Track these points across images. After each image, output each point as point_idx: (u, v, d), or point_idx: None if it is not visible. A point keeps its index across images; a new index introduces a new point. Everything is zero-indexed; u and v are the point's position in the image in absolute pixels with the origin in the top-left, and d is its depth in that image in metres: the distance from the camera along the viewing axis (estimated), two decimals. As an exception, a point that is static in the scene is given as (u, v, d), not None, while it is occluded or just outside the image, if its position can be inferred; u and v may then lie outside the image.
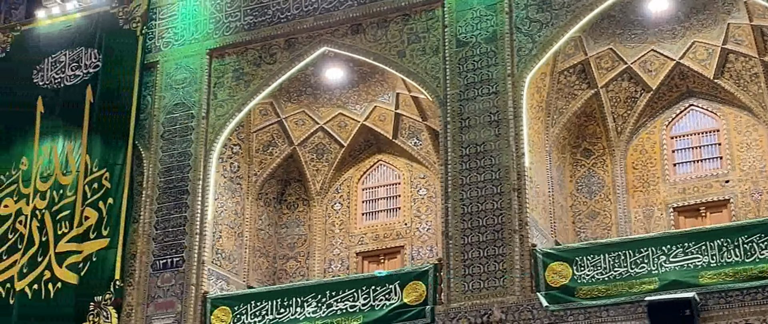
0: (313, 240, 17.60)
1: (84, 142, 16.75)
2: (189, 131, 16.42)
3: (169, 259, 15.81)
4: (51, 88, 17.35)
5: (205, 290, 15.62)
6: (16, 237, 16.63)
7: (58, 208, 16.51)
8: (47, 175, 16.82)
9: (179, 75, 16.79)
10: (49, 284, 16.10)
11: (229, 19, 16.75)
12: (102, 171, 16.45)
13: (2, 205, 16.95)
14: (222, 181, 16.70)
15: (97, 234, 16.13)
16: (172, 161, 16.37)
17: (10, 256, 16.54)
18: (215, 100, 16.55)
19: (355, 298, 14.67)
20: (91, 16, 17.60)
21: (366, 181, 17.87)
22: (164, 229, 16.01)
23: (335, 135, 17.67)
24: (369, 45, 15.90)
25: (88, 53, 17.29)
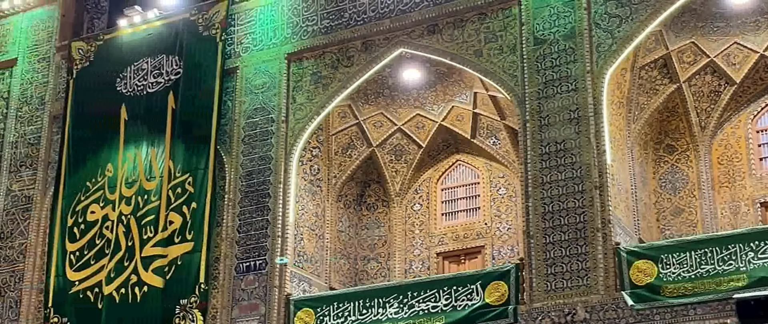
0: (394, 241, 17.63)
1: (167, 148, 17.01)
2: (269, 135, 16.58)
3: (252, 261, 15.99)
4: (134, 95, 17.66)
5: (288, 292, 15.77)
6: (103, 242, 16.97)
7: (143, 213, 16.80)
8: (132, 181, 17.12)
9: (258, 80, 16.97)
10: (136, 288, 16.39)
11: (306, 24, 16.88)
12: (185, 176, 16.69)
13: (89, 211, 17.30)
14: (302, 183, 16.83)
15: (182, 238, 16.37)
16: (253, 165, 16.54)
17: (98, 261, 16.88)
18: (294, 104, 16.69)
19: (437, 299, 14.65)
20: (171, 24, 17.87)
21: (445, 181, 17.84)
22: (247, 233, 16.19)
23: (413, 136, 17.68)
24: (446, 45, 15.87)
25: (170, 60, 17.56)
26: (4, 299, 17.70)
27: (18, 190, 18.37)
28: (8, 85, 19.26)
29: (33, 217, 18.04)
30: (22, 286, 17.62)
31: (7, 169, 18.59)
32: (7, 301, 17.69)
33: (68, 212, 17.43)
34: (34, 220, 18.00)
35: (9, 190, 18.43)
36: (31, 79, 19.04)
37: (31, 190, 18.25)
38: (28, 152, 18.53)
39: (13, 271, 17.84)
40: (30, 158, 18.48)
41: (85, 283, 16.83)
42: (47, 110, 18.67)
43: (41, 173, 18.25)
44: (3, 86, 19.28)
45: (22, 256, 17.86)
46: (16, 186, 18.41)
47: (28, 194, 18.22)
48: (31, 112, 18.82)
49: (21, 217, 18.18)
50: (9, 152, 18.72)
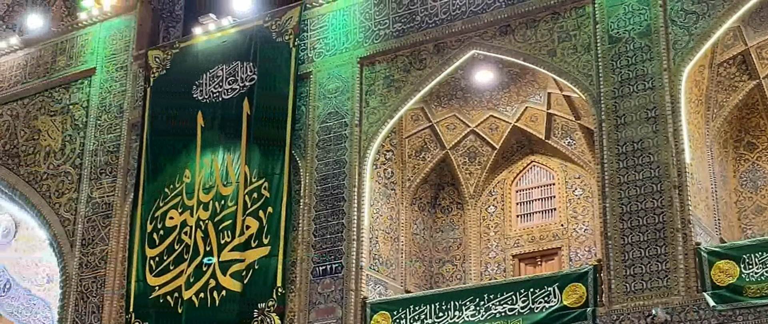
0: (469, 243, 17.57)
1: (243, 154, 17.19)
2: (343, 139, 16.66)
3: (329, 265, 16.08)
4: (210, 102, 17.88)
5: (364, 295, 15.81)
6: (182, 247, 17.21)
7: (220, 218, 17.00)
8: (209, 187, 17.34)
9: (332, 84, 17.06)
10: (215, 292, 16.59)
11: (378, 27, 16.92)
12: (261, 181, 16.84)
13: (168, 217, 17.55)
14: (377, 187, 16.87)
15: (259, 243, 16.52)
16: (327, 169, 16.64)
17: (177, 266, 17.12)
18: (367, 108, 16.74)
19: (514, 301, 14.56)
20: (245, 31, 18.06)
21: (519, 182, 17.73)
22: (322, 236, 16.28)
23: (487, 138, 17.62)
24: (518, 46, 15.77)
25: (244, 67, 17.75)
26: (87, 304, 18.07)
27: (98, 197, 18.73)
28: (87, 95, 19.66)
29: (113, 224, 18.37)
30: (104, 291, 17.96)
31: (87, 176, 18.97)
32: (89, 306, 18.05)
33: (147, 218, 17.71)
34: (114, 226, 18.33)
35: (90, 197, 18.80)
36: (109, 87, 19.42)
37: (111, 197, 18.59)
38: (107, 160, 18.89)
39: (95, 277, 18.20)
40: (110, 166, 18.84)
41: (165, 287, 17.08)
42: (126, 118, 19.00)
43: (121, 180, 18.58)
44: (83, 95, 19.70)
45: (104, 262, 18.20)
46: (96, 193, 18.78)
47: (109, 201, 18.56)
48: (110, 121, 19.18)
49: (101, 223, 18.53)
50: (89, 160, 19.10)
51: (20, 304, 21.84)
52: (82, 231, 18.63)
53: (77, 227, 18.73)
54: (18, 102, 20.53)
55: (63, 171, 19.36)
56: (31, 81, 20.49)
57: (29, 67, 20.71)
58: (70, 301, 18.25)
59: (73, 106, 19.75)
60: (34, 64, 20.67)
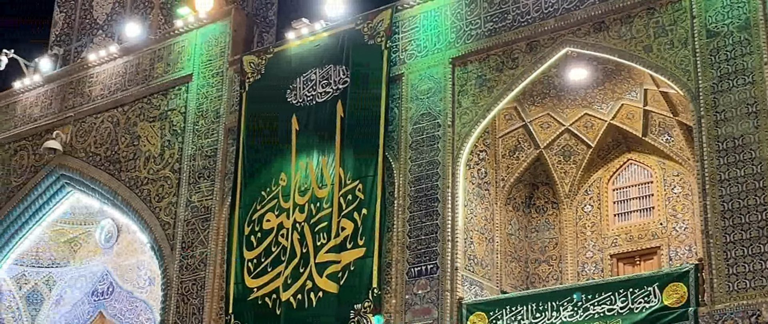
0: (565, 243, 17.40)
1: (337, 156, 17.32)
2: (436, 140, 16.65)
3: (424, 266, 16.09)
4: (304, 105, 18.08)
5: (460, 296, 15.79)
6: (279, 250, 17.43)
7: (316, 221, 17.16)
8: (305, 189, 17.52)
9: (424, 85, 17.08)
10: (312, 294, 16.76)
11: (469, 27, 16.88)
12: (355, 183, 16.95)
13: (265, 219, 17.79)
14: (470, 187, 16.83)
15: (354, 244, 16.63)
16: (421, 170, 16.65)
17: (275, 268, 17.34)
18: (460, 108, 16.70)
19: (613, 302, 14.36)
20: (337, 35, 18.21)
21: (616, 181, 17.48)
22: (417, 237, 16.30)
23: (582, 136, 17.42)
24: (613, 42, 15.55)
25: (337, 70, 17.90)
26: (188, 306, 18.43)
27: (197, 201, 19.09)
28: (185, 100, 20.07)
29: (212, 227, 18.71)
30: (204, 293, 18.29)
31: (186, 181, 19.35)
32: (190, 307, 18.41)
33: (245, 221, 17.98)
34: (213, 229, 18.66)
35: (189, 201, 19.17)
36: (206, 93, 19.78)
37: (209, 200, 18.93)
38: (205, 164, 19.24)
39: (195, 280, 18.55)
40: (207, 170, 19.18)
41: (263, 289, 17.32)
42: (222, 123, 19.33)
43: (218, 184, 18.91)
44: (180, 101, 20.11)
45: (203, 265, 18.54)
46: (195, 197, 19.14)
47: (207, 205, 18.90)
48: (207, 126, 19.54)
49: (201, 227, 18.89)
50: (188, 165, 19.48)
51: (123, 306, 22.40)
52: (182, 234, 19.01)
53: (177, 231, 19.12)
54: (118, 109, 21.06)
55: (162, 176, 19.79)
56: (131, 88, 21.00)
57: (128, 75, 21.23)
58: (172, 303, 18.65)
59: (171, 112, 20.17)
60: (133, 72, 21.18)
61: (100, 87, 21.52)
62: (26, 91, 22.73)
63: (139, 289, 22.19)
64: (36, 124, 22.19)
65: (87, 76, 21.83)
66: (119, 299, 22.47)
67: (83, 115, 21.46)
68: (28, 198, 21.75)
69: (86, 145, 21.15)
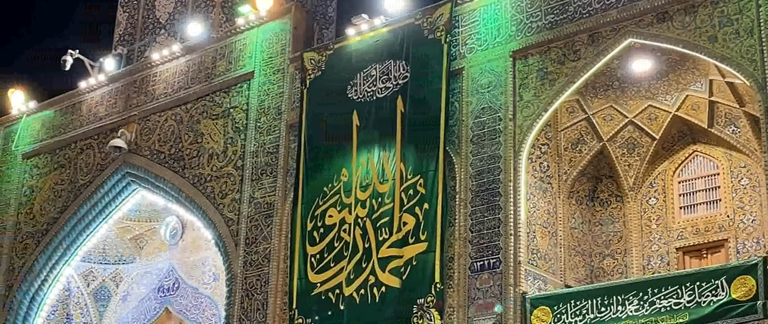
0: (630, 237, 17.20)
1: (398, 151, 17.34)
2: (497, 134, 16.58)
3: (486, 260, 16.03)
4: (364, 101, 18.11)
5: (523, 290, 15.70)
6: (342, 245, 17.50)
7: (378, 216, 17.20)
8: (366, 185, 17.56)
9: (484, 79, 17.00)
10: (374, 289, 16.80)
11: (530, 20, 16.76)
12: (416, 178, 16.95)
13: (327, 215, 17.88)
14: (532, 181, 16.72)
15: (416, 239, 16.63)
16: (482, 165, 16.59)
17: (338, 263, 17.42)
18: (521, 102, 16.60)
19: (680, 295, 14.17)
20: (397, 30, 18.21)
21: (681, 173, 17.23)
22: (479, 232, 16.25)
23: (646, 128, 17.20)
24: (677, 32, 15.33)
25: (397, 65, 17.90)
26: (252, 301, 18.60)
27: (260, 197, 19.24)
28: (247, 98, 20.23)
29: (275, 223, 18.84)
30: (268, 288, 18.44)
31: (249, 177, 19.52)
32: (254, 303, 18.57)
33: (307, 217, 18.09)
34: (275, 225, 18.80)
35: (252, 197, 19.34)
36: (267, 90, 19.93)
37: (272, 196, 19.07)
38: (267, 161, 19.39)
39: (259, 275, 18.71)
40: (270, 166, 19.32)
41: (326, 284, 17.41)
42: (284, 120, 19.45)
43: (281, 180, 19.03)
44: (242, 99, 20.28)
45: (267, 261, 18.69)
46: (258, 193, 19.30)
47: (270, 201, 19.05)
48: (269, 122, 19.68)
49: (263, 223, 19.04)
50: (250, 161, 19.65)
51: (188, 302, 22.65)
52: (246, 230, 19.18)
53: (241, 227, 19.29)
54: (181, 107, 21.31)
55: (226, 173, 19.98)
56: (193, 86, 21.24)
57: (191, 73, 21.47)
58: (236, 298, 18.83)
59: (233, 109, 20.36)
60: (195, 70, 21.42)
61: (164, 85, 21.79)
62: (91, 91, 23.11)
63: (204, 285, 22.42)
64: (101, 123, 22.56)
65: (150, 75, 22.13)
66: (185, 295, 22.73)
67: (147, 114, 21.76)
68: (94, 196, 22.13)
69: (151, 143, 21.44)
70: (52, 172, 22.95)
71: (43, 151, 23.37)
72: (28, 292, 22.47)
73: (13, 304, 22.44)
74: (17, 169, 23.69)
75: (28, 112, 24.03)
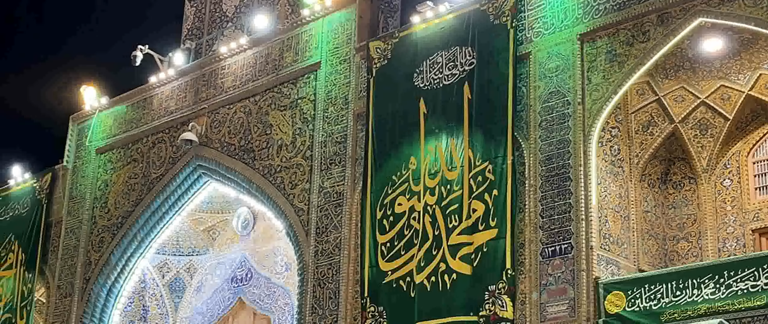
0: (704, 219, 16.93)
1: (466, 138, 17.29)
2: (566, 118, 16.43)
3: (558, 246, 15.92)
4: (431, 88, 18.09)
5: (596, 275, 15.57)
6: (412, 233, 17.53)
7: (447, 203, 17.18)
8: (434, 172, 17.55)
9: (551, 63, 16.86)
10: (445, 276, 16.80)
11: (597, 2, 16.55)
12: (485, 164, 16.89)
13: (396, 203, 17.91)
14: (603, 165, 16.55)
15: (486, 225, 16.59)
16: (551, 149, 16.46)
17: (408, 251, 17.45)
18: (590, 85, 16.43)
19: (756, 278, 13.91)
20: (462, 16, 18.13)
21: (756, 153, 16.90)
22: (550, 217, 16.14)
23: (718, 108, 16.90)
24: (749, 10, 15.00)
25: (463, 52, 17.83)
26: (324, 290, 18.73)
27: (329, 186, 19.36)
28: (314, 88, 20.35)
29: (344, 212, 18.94)
30: (340, 277, 18.56)
31: (318, 167, 19.65)
32: (326, 292, 18.71)
33: (377, 205, 18.15)
34: (345, 214, 18.90)
35: (321, 187, 19.47)
36: (334, 80, 20.01)
37: (341, 186, 19.17)
38: (336, 150, 19.49)
39: (330, 264, 18.83)
40: (338, 156, 19.43)
41: (397, 272, 17.46)
42: (351, 109, 19.52)
43: (349, 170, 19.12)
44: (310, 89, 20.40)
45: (338, 249, 18.81)
46: (327, 183, 19.42)
47: (339, 190, 19.16)
48: (336, 112, 19.77)
49: (333, 212, 19.15)
50: (319, 151, 19.77)
51: (261, 291, 22.91)
52: (316, 220, 19.32)
53: (311, 217, 19.43)
54: (250, 99, 21.52)
55: (295, 163, 20.14)
56: (261, 78, 21.43)
57: (258, 65, 21.66)
58: (308, 287, 18.99)
59: (301, 100, 20.49)
60: (262, 62, 21.60)
61: (232, 78, 22.02)
62: (161, 86, 23.47)
63: (276, 274, 22.66)
64: (172, 117, 22.89)
65: (219, 68, 22.38)
66: (257, 285, 22.99)
67: (217, 107, 22.01)
68: (167, 189, 22.48)
69: (221, 136, 21.70)
70: (125, 167, 23.37)
71: (116, 145, 23.81)
72: (105, 284, 22.94)
73: (91, 297, 22.93)
74: (91, 164, 24.19)
75: (101, 107, 24.50)
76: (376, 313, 17.56)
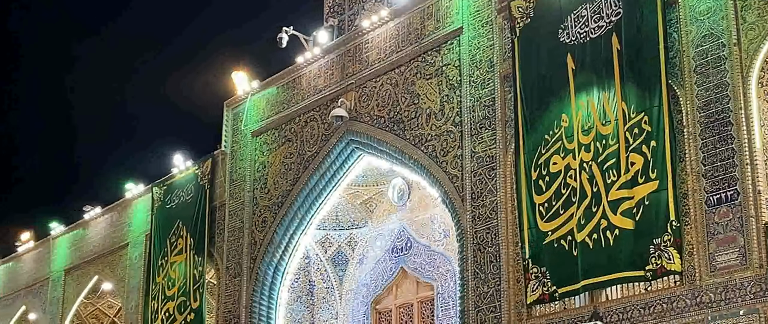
0: None
1: (618, 90, 16.92)
2: (722, 61, 15.86)
3: (723, 193, 15.44)
4: (577, 43, 17.75)
5: (766, 221, 15.02)
6: (569, 191, 17.31)
7: (604, 158, 16.88)
8: (588, 128, 17.26)
9: (702, 6, 16.28)
10: (607, 232, 16.54)
11: (745, -64, 15.86)
12: (640, 115, 16.50)
13: (551, 162, 17.72)
14: (765, 106, 15.91)
15: (646, 178, 16.23)
16: (708, 95, 15.93)
17: (567, 210, 17.25)
18: (745, 25, 15.79)
19: None
20: (604, -34, 17.67)
21: None
22: (712, 164, 15.66)
23: None
24: None
25: (608, 2, 17.40)
26: (484, 254, 18.75)
27: (481, 151, 19.32)
28: (458, 54, 20.30)
29: (498, 175, 18.88)
30: (499, 241, 18.54)
31: (468, 133, 19.63)
32: (486, 256, 18.72)
33: (531, 166, 18.00)
34: (500, 177, 18.83)
35: (473, 152, 19.45)
36: (478, 44, 19.90)
37: (493, 149, 19.11)
38: (485, 114, 19.42)
39: (489, 228, 18.83)
40: (488, 120, 19.35)
41: (557, 232, 17.30)
42: (497, 72, 19.39)
43: (500, 132, 19.03)
44: (454, 55, 20.36)
45: (495, 213, 18.77)
46: (479, 148, 19.38)
47: (491, 154, 19.09)
48: (482, 76, 19.68)
49: (487, 176, 19.12)
50: (468, 117, 19.74)
51: (422, 260, 23.14)
52: (471, 185, 19.33)
53: (465, 182, 19.46)
54: (395, 70, 21.66)
55: (445, 130, 20.18)
56: (405, 49, 21.51)
57: (401, 36, 21.75)
58: (468, 253, 19.05)
59: (446, 67, 20.49)
60: (405, 32, 21.68)
61: (376, 51, 22.20)
62: (309, 65, 23.88)
63: (435, 242, 22.83)
64: (321, 95, 23.28)
65: (362, 43, 22.60)
66: (418, 254, 23.22)
67: (363, 81, 22.26)
68: (322, 165, 22.92)
69: (370, 109, 21.94)
70: (280, 147, 23.95)
71: (270, 127, 24.41)
72: (272, 262, 23.63)
73: (259, 276, 23.67)
74: (248, 147, 24.89)
75: (253, 91, 25.14)
76: (539, 273, 17.48)
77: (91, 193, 38.78)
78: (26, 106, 56.99)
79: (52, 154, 53.37)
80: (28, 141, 56.26)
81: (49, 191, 50.02)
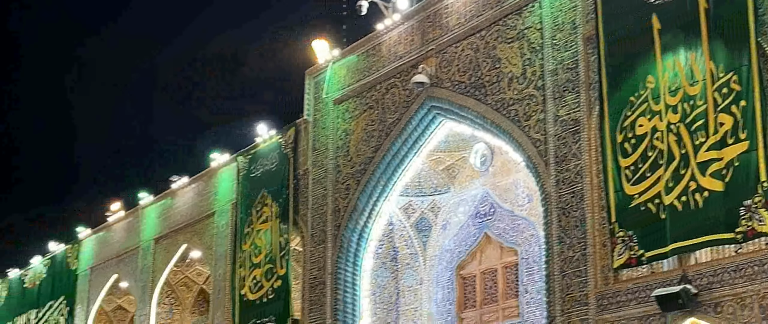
0: None
1: (705, 50, 16.53)
2: (814, 17, 15.39)
3: (817, 152, 15.03)
4: (663, 2, 17.36)
5: None
6: (656, 154, 17.03)
7: (692, 119, 16.55)
8: (675, 89, 16.92)
9: (793, -41, 15.79)
10: (696, 194, 16.24)
11: None
12: (729, 75, 16.11)
13: (637, 125, 17.42)
14: None
15: (736, 139, 15.88)
16: (800, 52, 15.49)
17: (654, 173, 16.97)
18: (838, -22, 15.27)
19: None
20: None
21: None
22: (804, 124, 15.24)
23: None
24: None
25: (693, -41, 17.00)
26: (569, 218, 18.59)
27: (564, 114, 19.11)
28: (539, 16, 20.05)
29: (583, 139, 18.65)
30: (584, 205, 18.35)
31: (551, 96, 19.41)
32: (571, 220, 18.56)
33: (616, 129, 17.73)
34: (584, 141, 18.61)
35: (556, 116, 19.24)
36: (560, 6, 19.62)
37: (576, 113, 18.87)
38: (568, 77, 19.18)
39: (573, 192, 18.65)
40: (571, 83, 19.11)
41: (644, 195, 17.04)
42: (579, 33, 19.10)
43: (584, 95, 18.78)
44: (535, 18, 20.12)
45: (579, 177, 18.58)
46: (562, 111, 19.17)
47: (575, 117, 18.87)
48: (564, 38, 19.42)
49: (572, 139, 18.91)
50: (550, 80, 19.52)
51: (506, 225, 23.09)
52: (554, 149, 19.15)
53: (549, 146, 19.28)
54: (476, 35, 21.50)
55: (527, 94, 20.00)
56: (485, 13, 21.33)
57: (481, 0, 21.56)
58: (553, 217, 18.91)
59: (527, 30, 20.26)
60: (485, -4, 21.51)
61: (456, 16, 22.05)
62: (388, 32, 23.84)
63: (518, 207, 22.72)
64: (402, 62, 23.24)
65: (442, 8, 22.46)
66: (501, 219, 23.16)
67: (444, 47, 22.16)
68: (404, 132, 22.95)
69: (451, 75, 21.84)
70: (362, 114, 24.03)
71: (352, 95, 24.49)
72: (356, 229, 23.79)
73: (343, 242, 23.87)
74: (330, 115, 25.02)
75: (333, 59, 25.22)
76: (626, 237, 17.27)
77: (179, 165, 39.57)
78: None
79: (133, 130, 54.66)
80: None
81: (137, 163, 51.16)
